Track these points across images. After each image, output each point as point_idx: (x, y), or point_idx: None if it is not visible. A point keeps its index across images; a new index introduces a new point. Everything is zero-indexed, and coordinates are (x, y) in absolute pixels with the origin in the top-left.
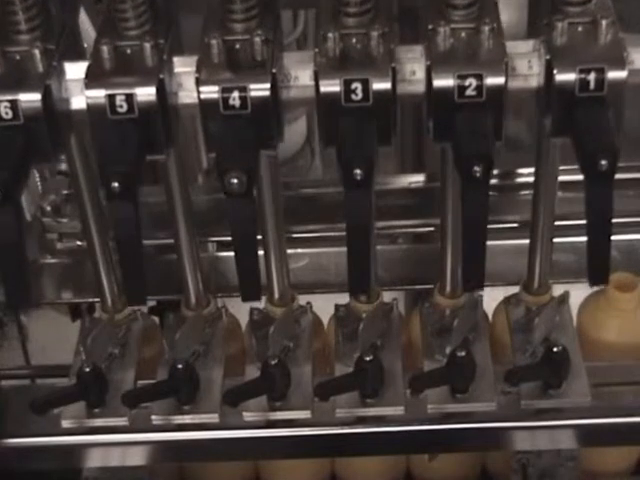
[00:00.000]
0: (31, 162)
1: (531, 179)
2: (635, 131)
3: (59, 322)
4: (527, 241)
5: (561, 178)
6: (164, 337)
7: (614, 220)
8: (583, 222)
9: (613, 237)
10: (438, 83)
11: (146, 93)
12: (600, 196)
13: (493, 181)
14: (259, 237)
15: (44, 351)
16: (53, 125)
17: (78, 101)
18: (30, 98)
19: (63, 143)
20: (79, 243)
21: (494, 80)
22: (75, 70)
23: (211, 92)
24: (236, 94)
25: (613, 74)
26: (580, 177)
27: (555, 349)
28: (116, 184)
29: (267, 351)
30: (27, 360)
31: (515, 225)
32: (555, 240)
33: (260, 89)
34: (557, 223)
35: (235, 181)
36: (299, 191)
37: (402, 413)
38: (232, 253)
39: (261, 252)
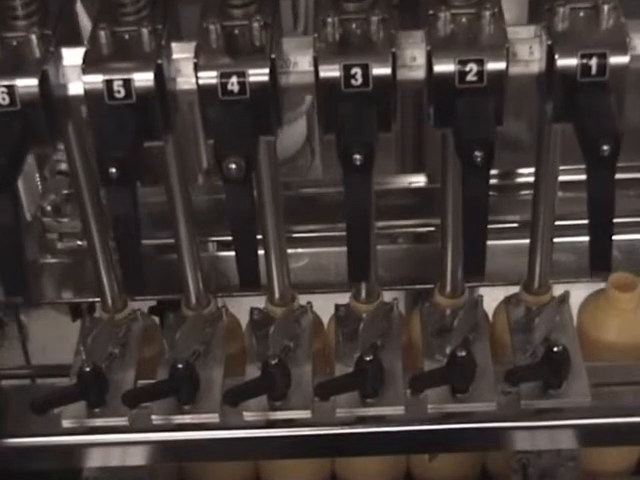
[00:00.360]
0: (28, 148)
1: (531, 179)
2: (635, 131)
3: (59, 322)
4: (527, 241)
5: (561, 178)
6: (164, 337)
7: (614, 220)
8: (583, 222)
9: (613, 237)
10: (439, 68)
11: (144, 78)
12: (602, 182)
13: (493, 181)
14: (259, 237)
15: (44, 351)
16: (50, 111)
17: (75, 87)
18: (27, 84)
19: (60, 129)
20: (79, 243)
21: (495, 65)
22: (72, 56)
23: (209, 77)
24: (235, 79)
25: (615, 59)
26: (580, 177)
27: (555, 349)
28: (114, 169)
29: (267, 351)
30: (27, 360)
31: (515, 225)
32: (555, 240)
33: (259, 74)
34: (557, 223)
35: (233, 166)
36: (299, 191)
37: (402, 413)
38: (232, 253)
39: (261, 252)
